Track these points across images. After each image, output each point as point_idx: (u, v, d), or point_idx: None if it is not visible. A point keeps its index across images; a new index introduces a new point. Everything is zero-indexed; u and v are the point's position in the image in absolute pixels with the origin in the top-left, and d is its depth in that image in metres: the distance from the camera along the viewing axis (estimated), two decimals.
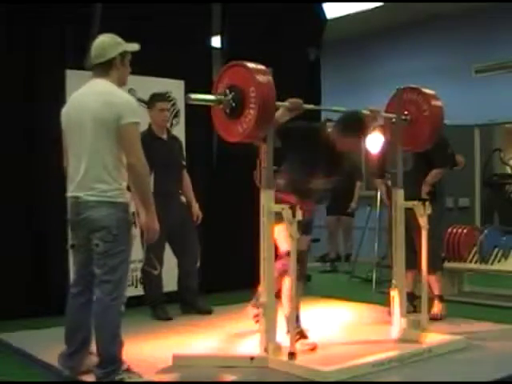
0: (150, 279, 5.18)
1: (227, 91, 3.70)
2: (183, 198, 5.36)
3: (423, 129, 4.43)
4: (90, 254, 3.42)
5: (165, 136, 5.34)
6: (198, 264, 5.43)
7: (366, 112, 4.19)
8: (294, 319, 3.94)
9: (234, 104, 3.66)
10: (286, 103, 3.82)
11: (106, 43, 3.47)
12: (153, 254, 4.84)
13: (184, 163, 5.45)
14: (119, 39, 3.51)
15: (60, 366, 3.62)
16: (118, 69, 3.47)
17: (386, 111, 4.47)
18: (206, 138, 6.25)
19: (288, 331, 3.90)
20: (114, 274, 3.36)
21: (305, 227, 4.17)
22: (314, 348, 4.07)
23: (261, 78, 3.62)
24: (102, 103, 3.35)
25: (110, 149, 3.35)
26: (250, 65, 3.69)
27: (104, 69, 3.46)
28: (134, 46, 3.55)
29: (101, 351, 3.41)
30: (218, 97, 3.74)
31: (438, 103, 4.46)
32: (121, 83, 3.51)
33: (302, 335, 4.12)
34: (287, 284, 4.00)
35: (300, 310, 4.22)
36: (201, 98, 3.86)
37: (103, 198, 3.36)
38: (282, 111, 3.88)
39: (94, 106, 3.37)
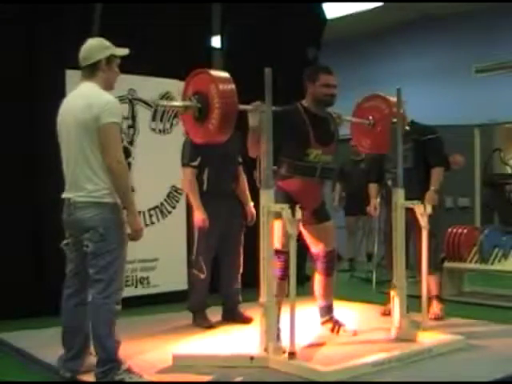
0: (195, 283, 4.90)
1: (192, 97, 3.81)
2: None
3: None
4: (82, 253, 3.46)
5: None
6: (240, 276, 5.04)
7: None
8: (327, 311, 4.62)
9: (199, 108, 3.77)
10: (249, 106, 3.91)
11: (93, 46, 3.52)
12: (202, 257, 4.79)
13: (240, 160, 5.01)
14: (107, 43, 3.54)
15: (60, 368, 3.61)
16: (104, 71, 3.50)
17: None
18: None
19: (323, 322, 4.59)
20: (105, 273, 3.39)
21: (320, 213, 4.45)
22: (355, 333, 4.49)
23: (222, 84, 3.72)
24: (83, 105, 3.39)
25: (91, 150, 3.39)
26: (213, 72, 3.85)
27: (90, 71, 3.50)
28: (123, 51, 3.57)
29: (97, 350, 3.43)
30: (185, 103, 3.87)
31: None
32: (108, 86, 3.53)
33: (338, 324, 4.54)
34: (317, 279, 4.56)
35: (332, 301, 4.66)
36: (169, 104, 3.92)
37: (90, 198, 3.40)
38: (251, 116, 3.94)
39: (76, 109, 3.42)
